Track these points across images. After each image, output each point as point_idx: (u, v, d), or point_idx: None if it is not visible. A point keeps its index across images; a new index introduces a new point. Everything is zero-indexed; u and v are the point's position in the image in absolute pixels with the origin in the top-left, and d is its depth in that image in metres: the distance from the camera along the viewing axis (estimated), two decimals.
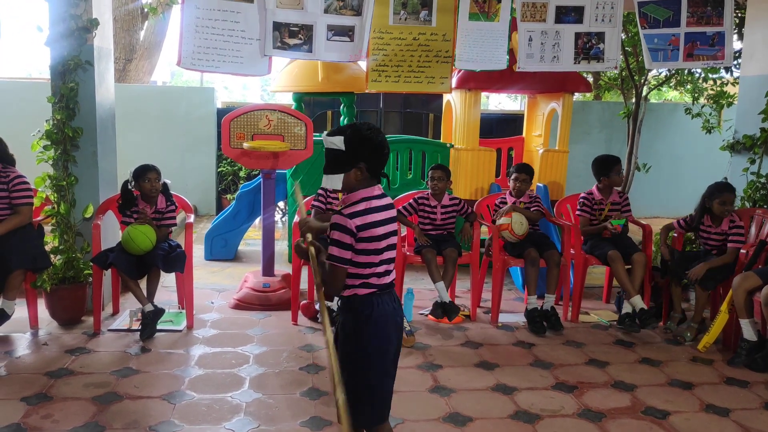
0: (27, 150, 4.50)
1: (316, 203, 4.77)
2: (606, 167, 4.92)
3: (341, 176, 2.31)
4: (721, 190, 4.53)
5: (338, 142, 2.28)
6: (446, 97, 7.04)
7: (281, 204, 8.08)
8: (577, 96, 8.39)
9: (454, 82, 5.33)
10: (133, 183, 4.39)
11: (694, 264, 4.47)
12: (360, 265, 2.29)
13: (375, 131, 2.32)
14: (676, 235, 4.89)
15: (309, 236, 2.35)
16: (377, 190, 2.34)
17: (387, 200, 2.36)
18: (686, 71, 7.97)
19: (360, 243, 2.26)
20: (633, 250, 4.68)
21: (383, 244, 2.31)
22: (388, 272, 2.38)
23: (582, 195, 5.02)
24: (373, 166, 2.31)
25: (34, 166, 4.50)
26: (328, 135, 2.34)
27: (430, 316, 4.76)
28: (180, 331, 4.38)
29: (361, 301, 2.32)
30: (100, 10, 4.60)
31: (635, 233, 5.17)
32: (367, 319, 2.31)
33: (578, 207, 4.99)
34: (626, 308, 4.65)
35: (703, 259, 4.49)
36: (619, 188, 4.93)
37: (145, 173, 4.36)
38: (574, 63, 4.91)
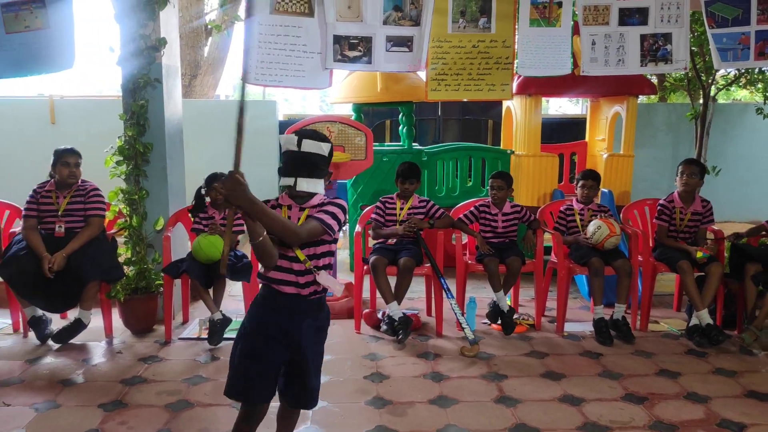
0: (100, 165, 4.70)
1: (375, 216, 4.79)
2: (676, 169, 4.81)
3: (322, 181, 2.41)
4: None
5: (326, 148, 2.38)
6: (506, 103, 6.98)
7: None
8: (641, 98, 8.18)
9: (514, 87, 5.27)
10: (205, 189, 4.55)
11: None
12: (330, 255, 2.51)
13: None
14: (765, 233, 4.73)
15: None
16: None
17: None
18: (757, 70, 7.66)
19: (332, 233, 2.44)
20: (709, 260, 4.52)
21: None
22: None
23: (661, 201, 4.87)
24: None
25: (107, 180, 4.69)
26: (309, 138, 2.36)
27: (491, 325, 4.71)
28: None
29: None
30: (167, 29, 4.77)
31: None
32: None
33: (657, 214, 4.86)
34: (695, 320, 4.50)
35: None
36: (687, 191, 4.76)
37: (212, 183, 4.51)
38: (641, 66, 4.78)
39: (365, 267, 4.62)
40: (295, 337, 2.45)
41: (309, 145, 2.37)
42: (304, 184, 2.38)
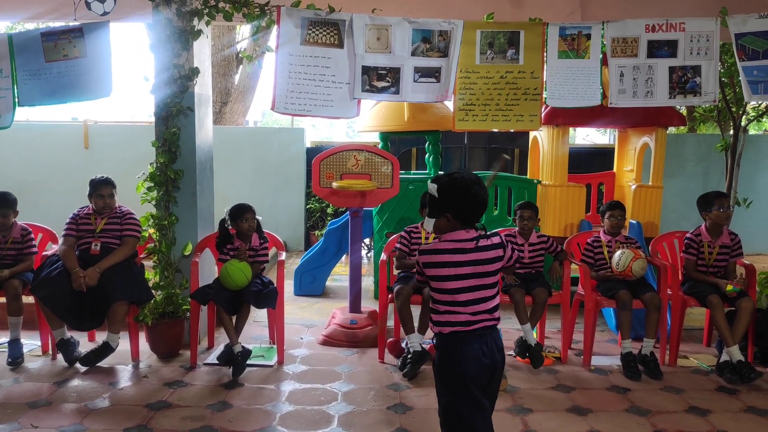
0: (132, 189, 4.79)
1: (399, 245, 4.78)
2: (707, 202, 4.72)
3: (433, 221, 2.50)
4: None
5: (433, 189, 2.47)
6: (533, 133, 6.98)
7: (367, 240, 8.19)
8: (670, 129, 8.12)
9: (541, 118, 5.27)
10: (228, 222, 4.57)
11: None
12: (437, 302, 2.49)
13: (470, 183, 2.44)
14: None
15: None
16: (463, 234, 2.46)
17: (474, 245, 2.46)
18: None
19: (431, 280, 2.48)
20: (739, 295, 4.44)
21: (451, 285, 2.44)
22: (473, 315, 2.45)
23: (688, 235, 4.81)
24: (463, 216, 2.45)
25: (138, 205, 4.78)
26: (431, 181, 2.52)
27: (518, 357, 4.66)
28: (271, 366, 4.48)
29: (444, 339, 2.49)
30: (200, 59, 4.87)
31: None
32: (448, 356, 2.47)
33: (684, 248, 4.80)
34: (725, 356, 4.40)
35: None
36: (726, 225, 4.70)
37: (242, 213, 4.53)
38: (669, 98, 4.76)
39: (389, 295, 4.62)
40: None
41: (428, 186, 2.53)
42: (425, 223, 2.56)
